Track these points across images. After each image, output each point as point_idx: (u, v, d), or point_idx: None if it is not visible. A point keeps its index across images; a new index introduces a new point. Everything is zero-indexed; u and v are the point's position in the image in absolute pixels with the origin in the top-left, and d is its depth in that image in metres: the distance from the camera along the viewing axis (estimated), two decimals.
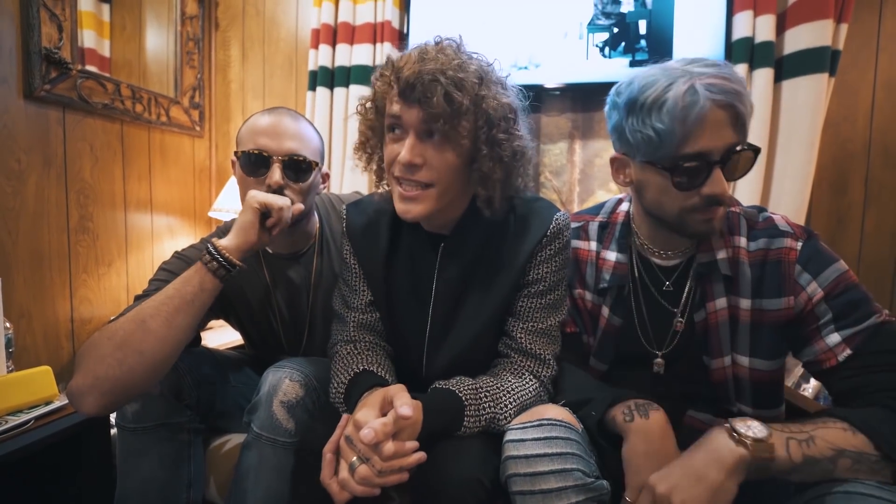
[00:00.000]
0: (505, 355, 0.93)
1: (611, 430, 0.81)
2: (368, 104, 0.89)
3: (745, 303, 0.86)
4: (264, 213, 0.97)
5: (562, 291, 0.93)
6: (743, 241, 0.87)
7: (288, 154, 1.04)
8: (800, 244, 0.83)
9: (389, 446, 0.70)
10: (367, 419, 0.72)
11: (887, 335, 0.76)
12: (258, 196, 0.97)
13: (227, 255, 0.91)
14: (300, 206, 1.04)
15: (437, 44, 0.82)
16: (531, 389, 0.87)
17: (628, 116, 0.83)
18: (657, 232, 0.94)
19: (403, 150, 0.79)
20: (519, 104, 0.86)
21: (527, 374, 0.90)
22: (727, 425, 0.69)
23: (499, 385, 0.85)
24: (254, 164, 1.04)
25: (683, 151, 0.78)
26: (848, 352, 0.76)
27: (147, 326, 0.83)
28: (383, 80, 0.83)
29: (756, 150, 0.80)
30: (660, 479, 0.69)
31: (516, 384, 0.86)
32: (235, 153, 1.07)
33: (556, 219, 0.89)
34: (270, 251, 1.19)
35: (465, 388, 0.82)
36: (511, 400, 0.84)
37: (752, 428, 0.67)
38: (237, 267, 0.93)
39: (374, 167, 0.93)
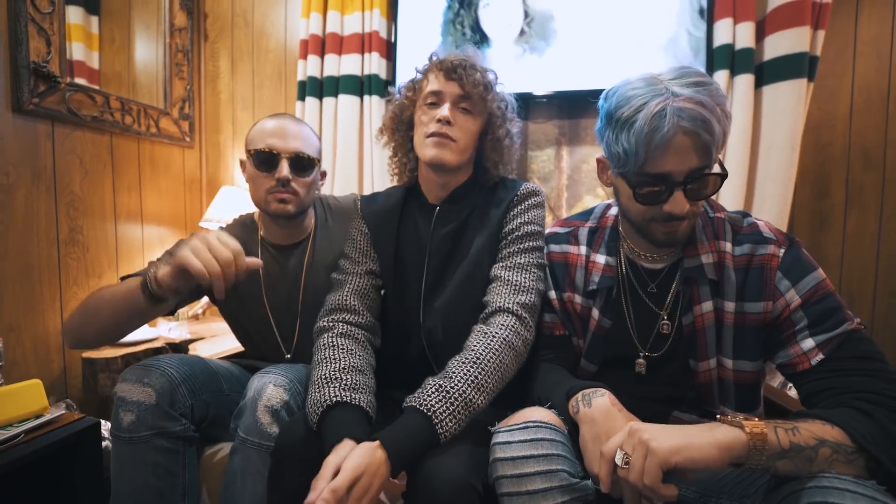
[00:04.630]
0: (483, 306, 1.01)
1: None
2: (408, 90, 1.14)
3: (730, 305, 0.88)
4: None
5: (537, 243, 1.06)
6: (728, 247, 0.89)
7: (294, 152, 1.17)
8: (782, 251, 0.85)
9: None
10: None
11: (856, 342, 0.79)
12: (195, 260, 0.86)
13: (154, 286, 0.95)
14: (256, 262, 0.95)
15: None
16: (500, 337, 0.92)
17: (606, 128, 0.86)
18: (641, 236, 0.96)
19: (441, 110, 1.05)
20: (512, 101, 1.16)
21: (498, 314, 0.96)
22: (718, 417, 0.71)
23: (465, 358, 0.90)
24: (264, 162, 1.17)
25: (647, 171, 0.82)
26: (820, 356, 0.79)
27: (98, 312, 1.02)
28: (426, 70, 1.11)
29: (722, 176, 0.82)
30: (635, 425, 0.71)
31: (481, 345, 0.91)
32: (248, 152, 1.20)
33: (525, 185, 1.12)
34: (267, 239, 1.26)
35: (428, 394, 0.84)
36: (479, 371, 0.87)
37: (740, 416, 0.69)
38: (163, 298, 0.97)
39: (394, 145, 1.17)
